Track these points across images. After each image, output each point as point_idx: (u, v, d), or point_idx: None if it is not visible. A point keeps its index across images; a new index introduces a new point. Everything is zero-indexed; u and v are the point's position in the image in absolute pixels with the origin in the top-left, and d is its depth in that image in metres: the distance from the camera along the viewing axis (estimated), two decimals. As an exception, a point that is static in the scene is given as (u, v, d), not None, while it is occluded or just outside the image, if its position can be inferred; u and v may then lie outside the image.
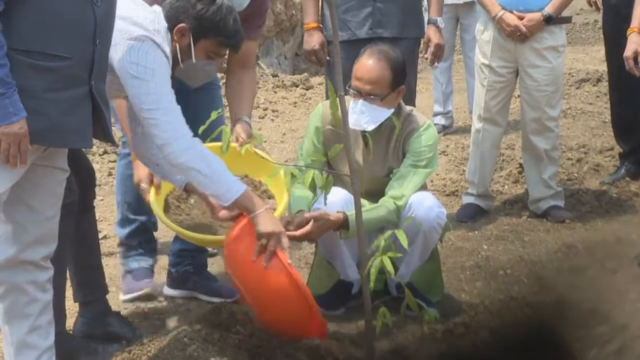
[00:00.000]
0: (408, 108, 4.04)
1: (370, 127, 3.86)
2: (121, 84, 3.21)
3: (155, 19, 3.26)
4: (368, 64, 3.87)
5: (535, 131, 5.27)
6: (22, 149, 2.79)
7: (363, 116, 3.85)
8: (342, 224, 3.70)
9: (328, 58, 4.75)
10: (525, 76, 5.20)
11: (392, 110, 3.91)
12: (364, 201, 3.85)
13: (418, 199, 3.87)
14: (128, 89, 3.20)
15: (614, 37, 5.53)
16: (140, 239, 4.25)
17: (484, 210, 5.43)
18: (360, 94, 3.86)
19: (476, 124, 5.37)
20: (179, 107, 3.26)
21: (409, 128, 3.97)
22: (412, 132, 3.96)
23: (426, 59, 5.01)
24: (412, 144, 3.95)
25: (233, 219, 3.46)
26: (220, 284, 4.25)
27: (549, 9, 5.07)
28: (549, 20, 5.08)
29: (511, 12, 5.09)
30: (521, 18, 5.07)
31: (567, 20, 5.39)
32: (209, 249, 4.56)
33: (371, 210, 3.79)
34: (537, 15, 5.06)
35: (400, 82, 3.91)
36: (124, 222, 4.25)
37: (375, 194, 3.95)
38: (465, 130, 7.06)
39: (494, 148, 5.40)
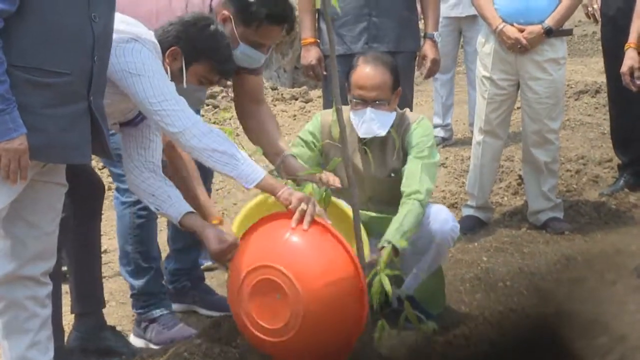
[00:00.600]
0: (399, 110, 4.04)
1: (382, 133, 3.86)
2: (118, 93, 3.18)
3: (148, 35, 3.25)
4: (368, 72, 3.87)
5: (536, 143, 5.27)
6: (22, 165, 2.81)
7: (374, 123, 3.85)
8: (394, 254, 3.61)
9: (325, 73, 4.76)
10: (526, 89, 5.20)
11: (395, 112, 3.94)
12: (370, 213, 3.87)
13: (435, 211, 3.89)
14: (131, 89, 3.14)
15: (613, 49, 5.53)
16: (159, 285, 3.99)
17: (483, 222, 5.42)
18: (365, 102, 3.86)
19: (477, 137, 5.38)
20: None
21: (404, 126, 3.98)
22: (407, 128, 3.97)
23: (422, 73, 5.02)
24: (409, 138, 3.95)
25: (226, 254, 3.34)
26: (219, 297, 4.25)
27: (549, 22, 5.08)
28: (550, 32, 5.08)
29: (512, 24, 5.09)
30: (522, 30, 5.07)
31: (568, 32, 5.39)
32: (207, 263, 4.56)
33: (404, 222, 3.71)
34: (537, 28, 5.07)
35: (397, 84, 3.93)
36: (137, 271, 3.93)
37: (379, 201, 3.96)
38: (465, 142, 7.06)
39: (494, 160, 5.40)
